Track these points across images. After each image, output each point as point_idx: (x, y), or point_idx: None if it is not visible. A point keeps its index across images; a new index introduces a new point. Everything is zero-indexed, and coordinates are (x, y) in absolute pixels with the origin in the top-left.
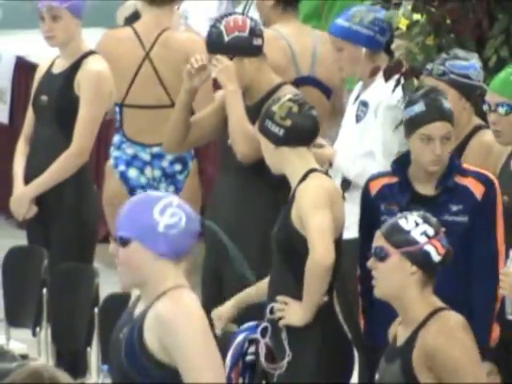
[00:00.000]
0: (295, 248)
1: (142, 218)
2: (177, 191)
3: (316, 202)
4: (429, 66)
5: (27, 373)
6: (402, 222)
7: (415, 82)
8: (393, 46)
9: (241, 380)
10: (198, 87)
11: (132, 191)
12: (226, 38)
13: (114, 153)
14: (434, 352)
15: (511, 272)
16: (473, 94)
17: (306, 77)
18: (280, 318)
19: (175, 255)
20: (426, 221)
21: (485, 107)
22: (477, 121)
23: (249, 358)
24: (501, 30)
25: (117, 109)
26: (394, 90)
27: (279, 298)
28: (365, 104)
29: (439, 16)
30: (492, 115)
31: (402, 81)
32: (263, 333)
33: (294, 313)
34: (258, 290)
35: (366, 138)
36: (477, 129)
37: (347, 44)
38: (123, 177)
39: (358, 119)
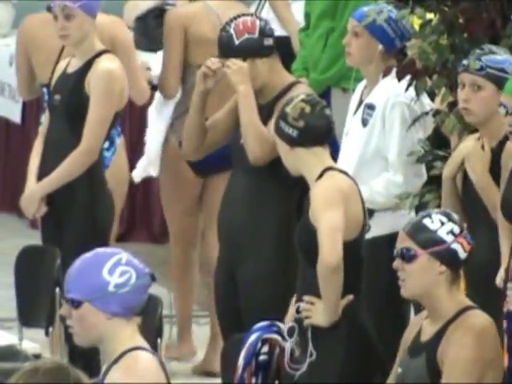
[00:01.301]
0: (314, 247)
1: (91, 280)
2: (104, 168)
3: (326, 202)
4: (465, 62)
5: (52, 364)
6: (427, 222)
7: (428, 81)
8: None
9: (253, 380)
10: (210, 89)
11: None
12: (237, 42)
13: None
14: (449, 343)
15: None
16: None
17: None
18: (306, 318)
19: (127, 313)
20: (450, 219)
21: (501, 110)
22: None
23: (262, 357)
24: None
25: (44, 90)
26: (406, 90)
27: (306, 297)
28: (371, 107)
29: (452, 15)
30: (509, 118)
31: (415, 80)
32: (290, 332)
33: (319, 313)
34: None
35: (373, 140)
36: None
37: (366, 33)
38: None
39: (365, 123)
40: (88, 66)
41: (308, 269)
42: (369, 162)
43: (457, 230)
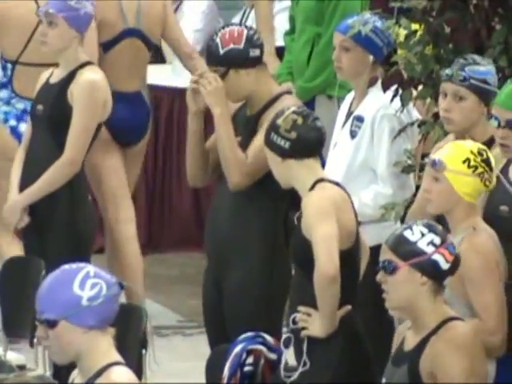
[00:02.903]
0: (310, 258)
1: (63, 297)
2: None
3: (318, 212)
4: (448, 71)
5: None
6: (408, 234)
7: (413, 92)
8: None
9: None
10: (204, 109)
11: None
12: (221, 51)
13: (2, 108)
14: (436, 358)
15: None
16: (490, 100)
17: (131, 29)
18: (303, 328)
19: (103, 324)
20: (431, 230)
21: (492, 121)
22: (490, 131)
23: (247, 368)
24: (499, 39)
25: (9, 65)
26: (392, 101)
27: (302, 308)
28: (359, 119)
29: (437, 26)
30: (501, 131)
31: (400, 91)
32: (286, 343)
33: (316, 324)
34: None
35: (361, 151)
36: (491, 142)
37: (357, 47)
38: (14, 131)
39: (353, 135)
40: (71, 76)
41: (304, 280)
42: (356, 174)
43: (437, 240)
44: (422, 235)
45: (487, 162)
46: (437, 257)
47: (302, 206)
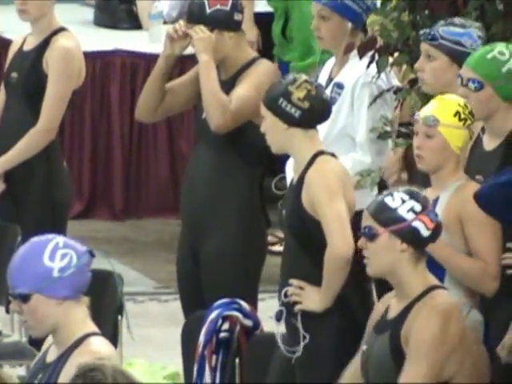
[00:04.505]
0: (310, 233)
1: (34, 270)
2: None
3: (329, 190)
4: (423, 32)
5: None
6: (388, 200)
7: (389, 58)
8: (367, 22)
9: (214, 357)
10: (177, 55)
11: None
12: (208, 10)
13: None
14: (414, 321)
15: None
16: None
17: None
18: (295, 302)
19: (76, 294)
20: (412, 197)
21: (458, 80)
22: None
23: (222, 335)
24: (475, 6)
25: None
26: (368, 67)
27: (294, 281)
28: (339, 86)
29: None
30: (461, 89)
31: (377, 57)
32: (278, 316)
33: (312, 298)
34: None
35: (340, 118)
36: None
37: (335, 15)
38: None
39: (333, 101)
40: (45, 44)
41: (299, 253)
42: (335, 140)
43: (418, 207)
44: (403, 202)
45: (472, 113)
46: (417, 224)
47: (306, 180)
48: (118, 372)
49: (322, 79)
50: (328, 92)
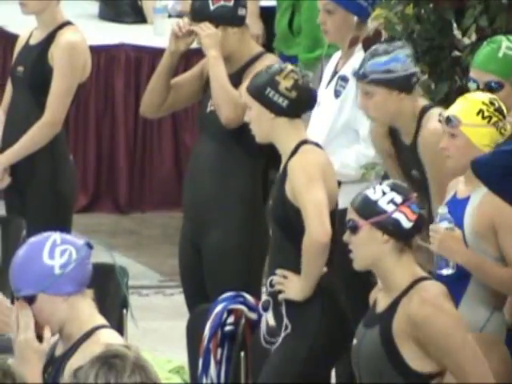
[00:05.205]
0: (292, 222)
1: (36, 270)
2: None
3: (309, 177)
4: (354, 71)
5: None
6: (370, 193)
7: None
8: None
9: (219, 350)
10: (182, 52)
11: None
12: (212, 7)
13: None
14: (420, 323)
15: (439, 228)
16: (405, 84)
17: None
18: (280, 292)
19: (80, 288)
20: (393, 188)
21: (470, 84)
22: (422, 102)
23: (227, 328)
24: (479, 0)
25: None
26: None
27: (278, 271)
28: (344, 79)
29: None
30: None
31: None
32: (264, 306)
33: (294, 287)
34: None
35: (344, 111)
36: (426, 109)
37: (339, 9)
38: None
39: (338, 94)
40: (51, 37)
41: (283, 242)
42: (339, 133)
43: (398, 199)
44: (384, 194)
45: (500, 110)
46: (397, 215)
47: (288, 169)
48: (139, 365)
49: (328, 72)
50: (333, 85)
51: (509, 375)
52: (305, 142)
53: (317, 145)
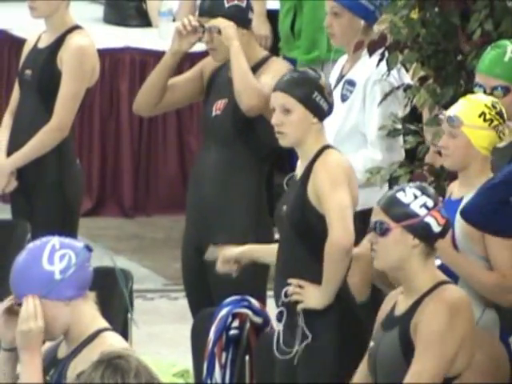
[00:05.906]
0: (312, 226)
1: (36, 277)
2: None
3: (335, 180)
4: None
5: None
6: (401, 195)
7: (399, 56)
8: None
9: (224, 354)
10: (185, 51)
11: None
12: (227, 5)
13: None
14: (422, 312)
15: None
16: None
17: None
18: (296, 302)
19: (82, 292)
20: (424, 192)
21: (477, 90)
22: None
23: (232, 332)
24: (485, 3)
25: None
26: (378, 65)
27: (293, 281)
28: (351, 83)
29: None
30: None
31: (386, 55)
32: (279, 317)
33: (312, 296)
34: (269, 249)
35: (351, 115)
36: None
37: (346, 12)
38: None
39: (344, 98)
40: (60, 41)
41: (298, 248)
42: (346, 137)
43: (430, 203)
44: (415, 197)
45: (501, 113)
46: (429, 219)
47: (313, 172)
48: (142, 365)
49: (334, 76)
50: (339, 89)
51: (506, 370)
52: (328, 146)
53: (338, 151)
